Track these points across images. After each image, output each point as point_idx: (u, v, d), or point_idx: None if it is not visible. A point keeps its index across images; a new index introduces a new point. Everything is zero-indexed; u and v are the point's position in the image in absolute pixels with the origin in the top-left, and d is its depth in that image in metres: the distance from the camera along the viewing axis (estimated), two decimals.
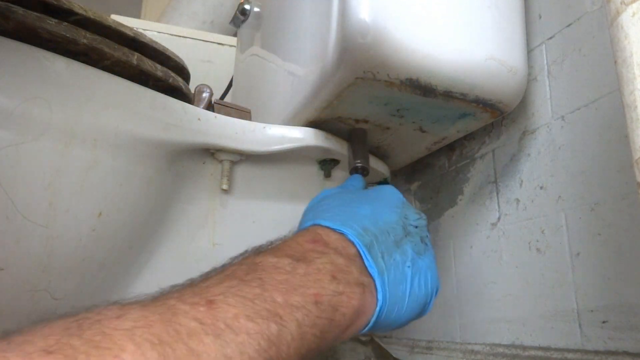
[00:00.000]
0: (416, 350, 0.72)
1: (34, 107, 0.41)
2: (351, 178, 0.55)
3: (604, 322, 0.46)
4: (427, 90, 0.51)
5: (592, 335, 0.47)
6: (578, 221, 0.50)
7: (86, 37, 0.42)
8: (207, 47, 1.16)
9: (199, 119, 0.52)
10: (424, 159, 0.76)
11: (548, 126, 0.55)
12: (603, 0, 0.48)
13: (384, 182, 0.70)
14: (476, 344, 0.62)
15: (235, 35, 0.99)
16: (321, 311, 0.32)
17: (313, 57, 0.55)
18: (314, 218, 0.40)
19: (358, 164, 0.58)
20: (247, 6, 0.84)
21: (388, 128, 0.60)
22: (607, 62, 0.48)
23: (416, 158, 0.72)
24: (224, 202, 0.58)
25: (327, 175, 0.63)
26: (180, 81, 0.51)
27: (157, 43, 0.50)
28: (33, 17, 0.40)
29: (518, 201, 0.58)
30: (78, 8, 0.43)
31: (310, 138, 0.57)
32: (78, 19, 0.43)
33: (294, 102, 0.59)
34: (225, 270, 0.32)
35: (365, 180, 0.56)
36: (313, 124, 0.58)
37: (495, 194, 0.62)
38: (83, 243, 0.45)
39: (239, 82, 0.90)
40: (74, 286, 0.47)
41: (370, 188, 0.49)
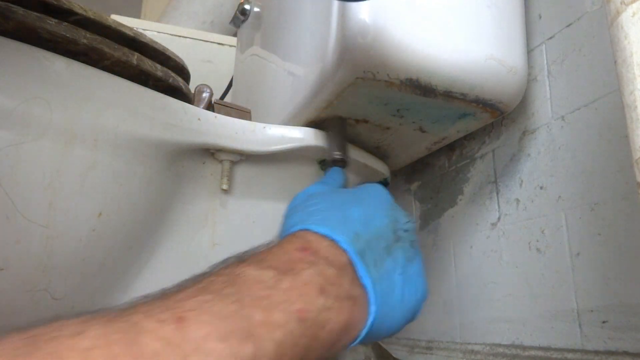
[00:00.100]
0: (416, 350, 0.72)
1: (34, 107, 0.41)
2: (331, 172, 0.53)
3: (604, 322, 0.46)
4: (427, 90, 0.51)
5: (592, 335, 0.47)
6: (578, 221, 0.50)
7: (86, 37, 0.42)
8: (207, 47, 1.16)
9: (199, 119, 0.52)
10: (424, 159, 0.76)
11: (548, 126, 0.55)
12: (603, 0, 0.48)
13: (384, 182, 0.70)
14: (476, 344, 0.62)
15: (235, 35, 0.99)
16: (305, 329, 0.29)
17: (313, 57, 0.55)
18: (302, 221, 0.38)
19: (337, 156, 0.55)
20: (247, 6, 0.84)
21: (388, 128, 0.60)
22: (607, 62, 0.48)
23: (416, 158, 0.72)
24: (224, 202, 0.58)
25: None
26: (180, 81, 0.51)
27: (157, 43, 0.50)
28: (33, 17, 0.40)
29: (518, 201, 0.58)
30: (78, 8, 0.43)
31: (310, 138, 0.57)
32: (78, 19, 0.43)
33: (294, 102, 0.59)
34: (202, 280, 0.29)
35: (345, 172, 0.54)
36: (313, 124, 0.58)
37: (495, 194, 0.62)
38: (83, 243, 0.45)
39: (239, 82, 0.90)
40: (74, 286, 0.47)
41: (357, 186, 0.47)
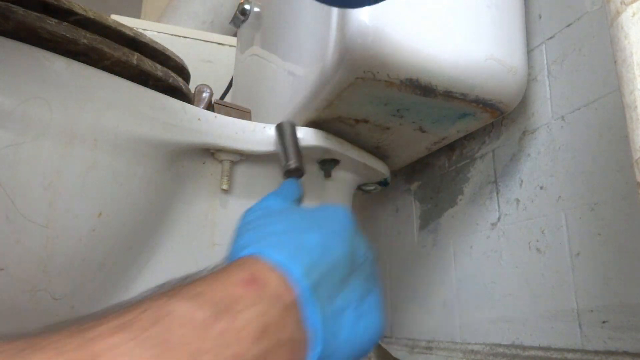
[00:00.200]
0: (416, 350, 0.72)
1: (34, 107, 0.41)
2: (287, 184, 0.48)
3: (604, 322, 0.46)
4: (427, 90, 0.51)
5: (592, 335, 0.47)
6: (578, 221, 0.50)
7: (86, 37, 0.42)
8: (207, 47, 1.16)
9: (199, 119, 0.52)
10: (424, 159, 0.76)
11: (548, 126, 0.55)
12: (603, 0, 0.48)
13: (384, 183, 0.70)
14: (476, 344, 0.62)
15: (235, 35, 0.99)
16: None
17: (313, 57, 0.55)
18: (255, 242, 0.35)
19: (291, 165, 0.50)
20: (247, 6, 0.84)
21: (388, 128, 0.60)
22: (607, 62, 0.48)
23: (416, 158, 0.72)
24: (224, 202, 0.58)
25: (327, 175, 0.63)
26: (180, 81, 0.51)
27: (157, 43, 0.50)
28: (33, 17, 0.40)
29: (518, 201, 0.58)
30: (78, 8, 0.43)
31: (310, 138, 0.57)
32: (78, 19, 0.43)
33: (294, 102, 0.59)
34: (126, 313, 0.27)
35: (301, 184, 0.49)
36: (313, 124, 0.58)
37: (495, 194, 0.62)
38: (83, 243, 0.45)
39: (239, 82, 0.90)
40: (74, 286, 0.47)
41: (317, 206, 0.43)
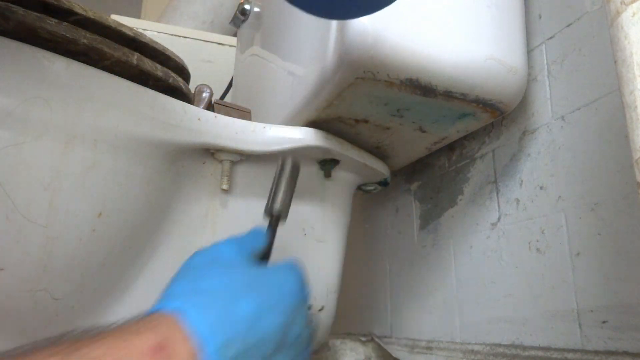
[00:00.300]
0: (416, 350, 0.72)
1: (34, 107, 0.41)
2: (254, 233, 0.43)
3: (604, 322, 0.46)
4: (427, 90, 0.51)
5: (592, 335, 0.47)
6: (578, 221, 0.50)
7: (86, 37, 0.42)
8: (207, 47, 1.16)
9: (199, 119, 0.52)
10: (424, 159, 0.76)
11: (548, 126, 0.55)
12: (603, 0, 0.48)
13: (384, 183, 0.70)
14: (476, 344, 0.62)
15: (235, 35, 0.99)
16: None
17: (313, 57, 0.55)
18: (185, 295, 0.33)
19: (275, 210, 0.46)
20: (247, 6, 0.84)
21: (388, 128, 0.60)
22: (607, 62, 0.48)
23: (416, 158, 0.72)
24: (224, 202, 0.58)
25: (327, 175, 0.63)
26: (180, 81, 0.51)
27: (157, 43, 0.50)
28: (33, 17, 0.40)
29: (518, 201, 0.58)
30: (78, 8, 0.43)
31: (310, 138, 0.57)
32: (78, 19, 0.43)
33: (294, 102, 0.59)
34: None
35: (271, 236, 0.44)
36: (313, 124, 0.58)
37: (495, 194, 0.62)
38: (83, 243, 0.45)
39: (239, 82, 0.90)
40: (74, 286, 0.47)
41: (272, 265, 0.40)
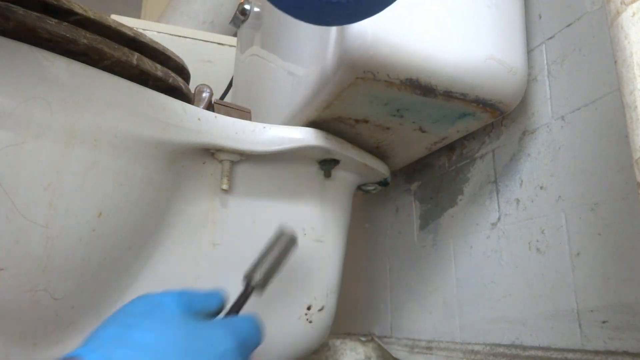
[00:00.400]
0: (416, 350, 0.72)
1: (34, 107, 0.41)
2: (213, 295, 0.40)
3: (604, 322, 0.46)
4: (427, 90, 0.51)
5: (592, 335, 0.47)
6: (578, 221, 0.50)
7: (86, 37, 0.42)
8: (207, 47, 1.16)
9: (199, 119, 0.52)
10: (424, 159, 0.76)
11: (548, 126, 0.55)
12: (603, 0, 0.48)
13: (384, 183, 0.70)
14: (476, 344, 0.62)
15: (235, 35, 0.99)
16: None
17: (313, 57, 0.55)
18: (104, 345, 0.31)
19: (255, 281, 0.44)
20: (247, 6, 0.84)
21: (388, 128, 0.60)
22: (607, 62, 0.48)
23: (416, 158, 0.72)
24: (224, 202, 0.58)
25: (327, 175, 0.63)
26: (180, 81, 0.51)
27: (157, 43, 0.50)
28: (33, 17, 0.40)
29: (518, 201, 0.58)
30: (78, 8, 0.43)
31: (310, 138, 0.57)
32: (78, 19, 0.43)
33: (294, 102, 0.59)
34: None
35: (242, 301, 0.42)
36: (313, 124, 0.58)
37: (495, 194, 0.62)
38: (83, 243, 0.45)
39: (239, 82, 0.90)
40: (74, 286, 0.47)
41: (205, 332, 0.36)
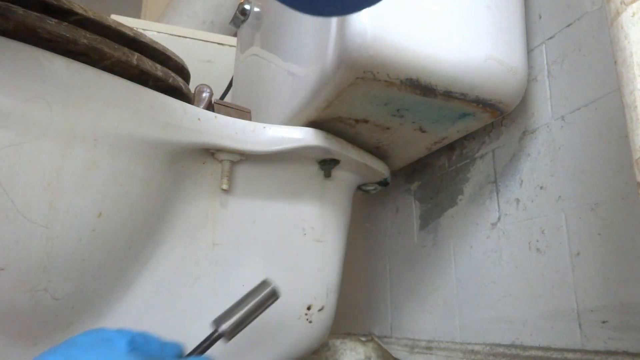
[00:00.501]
0: (416, 350, 0.72)
1: (34, 107, 0.41)
2: (170, 345, 0.38)
3: (604, 322, 0.46)
4: (427, 90, 0.51)
5: (592, 335, 0.47)
6: (578, 221, 0.50)
7: (86, 37, 0.42)
8: (207, 47, 1.16)
9: (199, 119, 0.52)
10: (424, 159, 0.76)
11: (548, 126, 0.55)
12: (603, 0, 0.48)
13: (384, 183, 0.70)
14: (476, 344, 0.62)
15: (235, 35, 0.99)
16: None
17: (313, 57, 0.55)
18: None
19: (222, 329, 0.42)
20: (247, 6, 0.84)
21: (388, 128, 0.60)
22: (607, 62, 0.48)
23: (416, 158, 0.72)
24: (224, 202, 0.58)
25: (327, 175, 0.63)
26: (180, 81, 0.51)
27: (157, 43, 0.50)
28: (33, 17, 0.40)
29: (518, 201, 0.58)
30: (78, 8, 0.43)
31: (310, 138, 0.57)
32: (78, 19, 0.43)
33: (294, 102, 0.59)
34: None
35: (205, 347, 0.41)
36: (313, 124, 0.58)
37: (495, 194, 0.62)
38: (83, 243, 0.45)
39: (239, 82, 0.90)
40: (74, 286, 0.47)
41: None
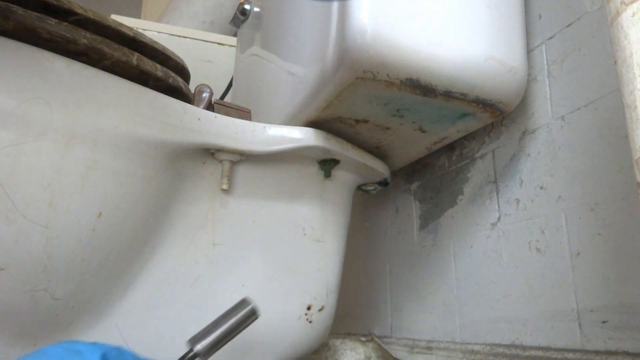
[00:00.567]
0: (416, 350, 0.72)
1: (34, 107, 0.41)
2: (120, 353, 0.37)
3: (604, 322, 0.46)
4: (427, 90, 0.51)
5: (592, 335, 0.47)
6: (578, 221, 0.50)
7: (86, 37, 0.42)
8: (207, 47, 1.16)
9: (199, 119, 0.52)
10: (424, 159, 0.76)
11: (548, 126, 0.55)
12: (603, 0, 0.48)
13: (384, 183, 0.70)
14: (476, 344, 0.62)
15: (235, 35, 0.99)
16: None
17: (313, 57, 0.55)
18: None
19: (198, 349, 0.41)
20: (247, 6, 0.84)
21: (388, 128, 0.60)
22: (607, 62, 0.48)
23: (416, 158, 0.72)
24: (224, 202, 0.58)
25: (327, 175, 0.63)
26: (180, 81, 0.51)
27: (157, 43, 0.50)
28: (33, 17, 0.40)
29: (518, 201, 0.58)
30: (78, 8, 0.43)
31: (310, 138, 0.57)
32: (78, 19, 0.43)
33: (294, 102, 0.59)
34: None
35: None
36: (313, 124, 0.58)
37: (495, 194, 0.62)
38: (83, 243, 0.45)
39: (239, 82, 0.90)
40: (74, 286, 0.47)
41: None
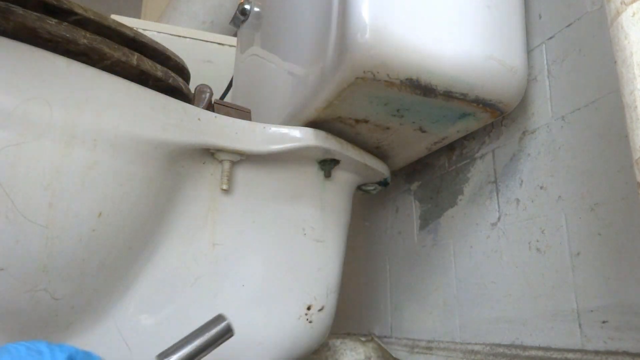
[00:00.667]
0: (416, 350, 0.72)
1: (34, 107, 0.41)
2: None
3: (604, 322, 0.46)
4: (427, 90, 0.51)
5: (592, 335, 0.47)
6: (578, 221, 0.50)
7: (86, 37, 0.42)
8: (207, 47, 1.16)
9: (199, 119, 0.52)
10: (424, 159, 0.76)
11: (548, 126, 0.55)
12: (603, 0, 0.48)
13: (384, 183, 0.70)
14: (476, 344, 0.62)
15: (235, 35, 0.99)
16: None
17: (313, 57, 0.55)
18: None
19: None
20: (247, 6, 0.84)
21: (388, 128, 0.60)
22: (607, 62, 0.48)
23: (416, 158, 0.72)
24: (224, 202, 0.58)
25: (327, 175, 0.63)
26: (180, 81, 0.51)
27: (157, 43, 0.50)
28: (33, 17, 0.40)
29: (518, 201, 0.58)
30: (78, 8, 0.43)
31: (310, 138, 0.57)
32: (78, 19, 0.43)
33: (294, 102, 0.59)
34: None
35: None
36: (313, 124, 0.58)
37: (495, 194, 0.62)
38: (83, 243, 0.45)
39: (239, 82, 0.90)
40: (74, 286, 0.47)
41: None
